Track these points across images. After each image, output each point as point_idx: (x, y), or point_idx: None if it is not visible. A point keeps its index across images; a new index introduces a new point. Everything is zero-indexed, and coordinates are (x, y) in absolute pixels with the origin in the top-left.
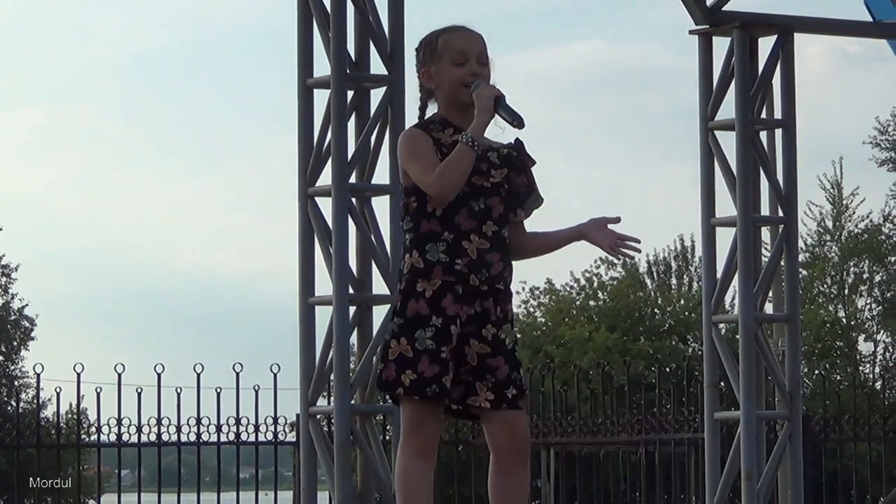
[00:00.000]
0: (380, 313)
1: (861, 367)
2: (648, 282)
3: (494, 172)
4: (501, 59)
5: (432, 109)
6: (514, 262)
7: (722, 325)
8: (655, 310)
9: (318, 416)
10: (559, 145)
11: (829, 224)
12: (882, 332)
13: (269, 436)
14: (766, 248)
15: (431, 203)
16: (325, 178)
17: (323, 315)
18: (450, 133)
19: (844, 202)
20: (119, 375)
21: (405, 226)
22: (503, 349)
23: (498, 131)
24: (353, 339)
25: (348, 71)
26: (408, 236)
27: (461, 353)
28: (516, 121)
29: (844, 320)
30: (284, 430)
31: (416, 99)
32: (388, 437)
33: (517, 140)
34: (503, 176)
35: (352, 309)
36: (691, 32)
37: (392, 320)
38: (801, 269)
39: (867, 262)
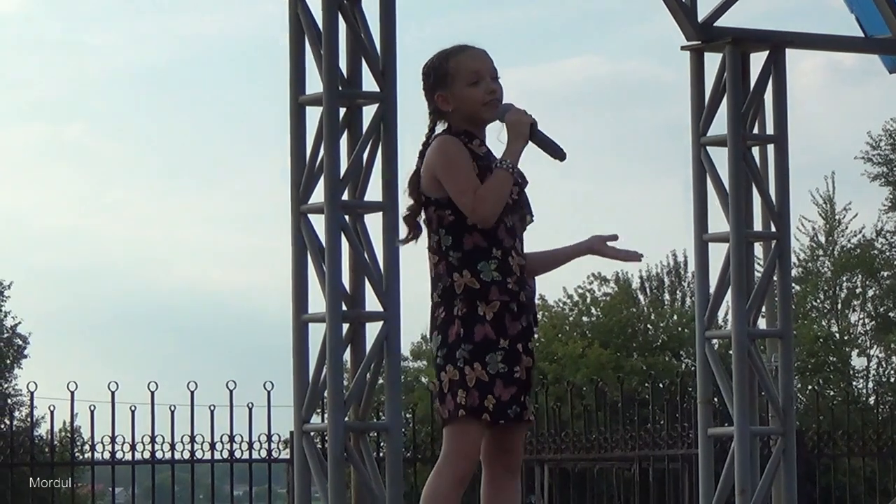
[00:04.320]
0: (373, 330)
1: (854, 383)
2: (641, 297)
3: (514, 188)
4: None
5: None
6: None
7: (715, 341)
8: (648, 325)
9: (312, 434)
10: (551, 160)
11: (822, 239)
12: (875, 346)
13: (263, 453)
14: (758, 264)
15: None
16: (318, 195)
17: (316, 332)
18: (478, 144)
19: (837, 217)
20: (113, 393)
21: (443, 242)
22: (534, 359)
23: (501, 147)
24: (346, 356)
25: (340, 88)
26: (451, 254)
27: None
28: (557, 154)
29: (837, 335)
30: (278, 448)
31: (407, 116)
32: (381, 454)
33: None
34: (517, 193)
35: (345, 326)
36: (683, 48)
37: (460, 347)
38: (793, 285)
39: (860, 276)
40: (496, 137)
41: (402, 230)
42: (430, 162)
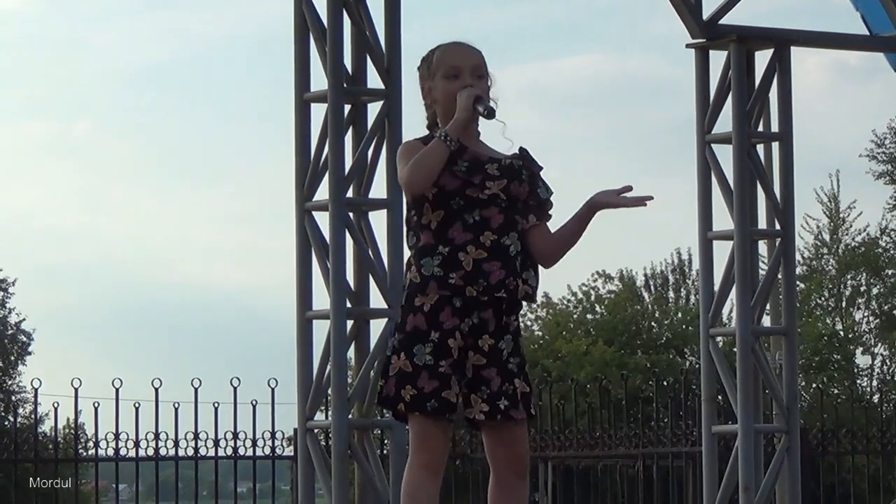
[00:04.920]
0: (377, 327)
1: (858, 381)
2: (646, 295)
3: (490, 184)
4: (499, 72)
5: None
6: (551, 266)
7: (719, 339)
8: (653, 323)
9: (316, 431)
10: (557, 157)
11: (827, 237)
12: (879, 344)
13: (267, 450)
14: (763, 262)
15: (426, 215)
16: (323, 192)
17: (320, 329)
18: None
19: (841, 215)
20: (117, 390)
21: (409, 241)
22: (499, 360)
23: (507, 144)
24: (351, 353)
25: (345, 85)
26: (412, 252)
27: (461, 366)
28: (486, 111)
29: (842, 333)
30: (282, 445)
31: (412, 113)
32: (385, 452)
33: (521, 149)
34: (501, 187)
35: (349, 323)
36: (688, 46)
37: (393, 336)
38: (798, 282)
39: (864, 274)
40: (502, 134)
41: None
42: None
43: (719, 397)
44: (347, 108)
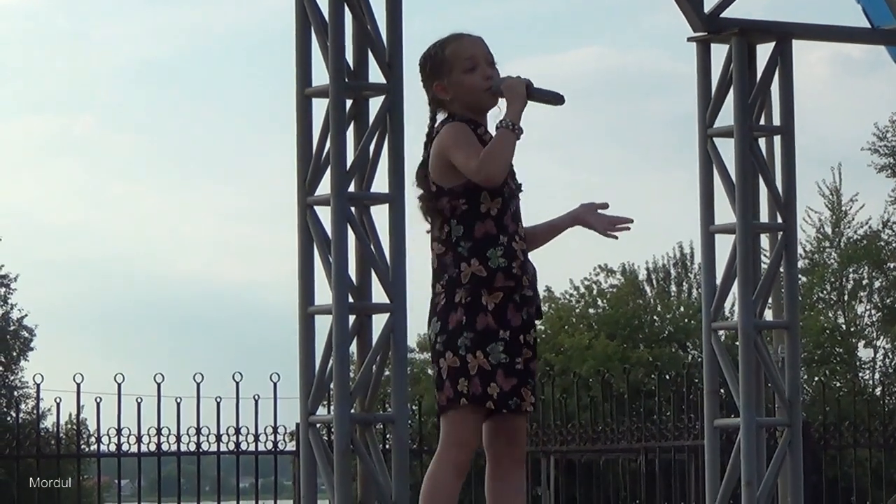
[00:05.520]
0: (379, 322)
1: (861, 374)
2: (648, 289)
3: (515, 174)
4: (502, 66)
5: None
6: None
7: (721, 332)
8: (655, 317)
9: (318, 426)
10: (559, 151)
11: (829, 230)
12: (881, 338)
13: (269, 445)
14: (765, 255)
15: (485, 203)
16: (324, 186)
17: (322, 324)
18: (482, 132)
19: (843, 208)
20: (119, 385)
21: (454, 232)
22: (537, 352)
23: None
24: (353, 348)
25: (346, 80)
26: (462, 244)
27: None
28: (556, 98)
29: (844, 326)
30: (284, 440)
31: (414, 107)
32: (387, 446)
33: None
34: (512, 180)
35: (351, 318)
36: (689, 39)
37: (462, 335)
38: (800, 276)
39: (866, 268)
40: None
41: (422, 219)
42: (440, 148)
43: (721, 391)
44: (349, 102)
